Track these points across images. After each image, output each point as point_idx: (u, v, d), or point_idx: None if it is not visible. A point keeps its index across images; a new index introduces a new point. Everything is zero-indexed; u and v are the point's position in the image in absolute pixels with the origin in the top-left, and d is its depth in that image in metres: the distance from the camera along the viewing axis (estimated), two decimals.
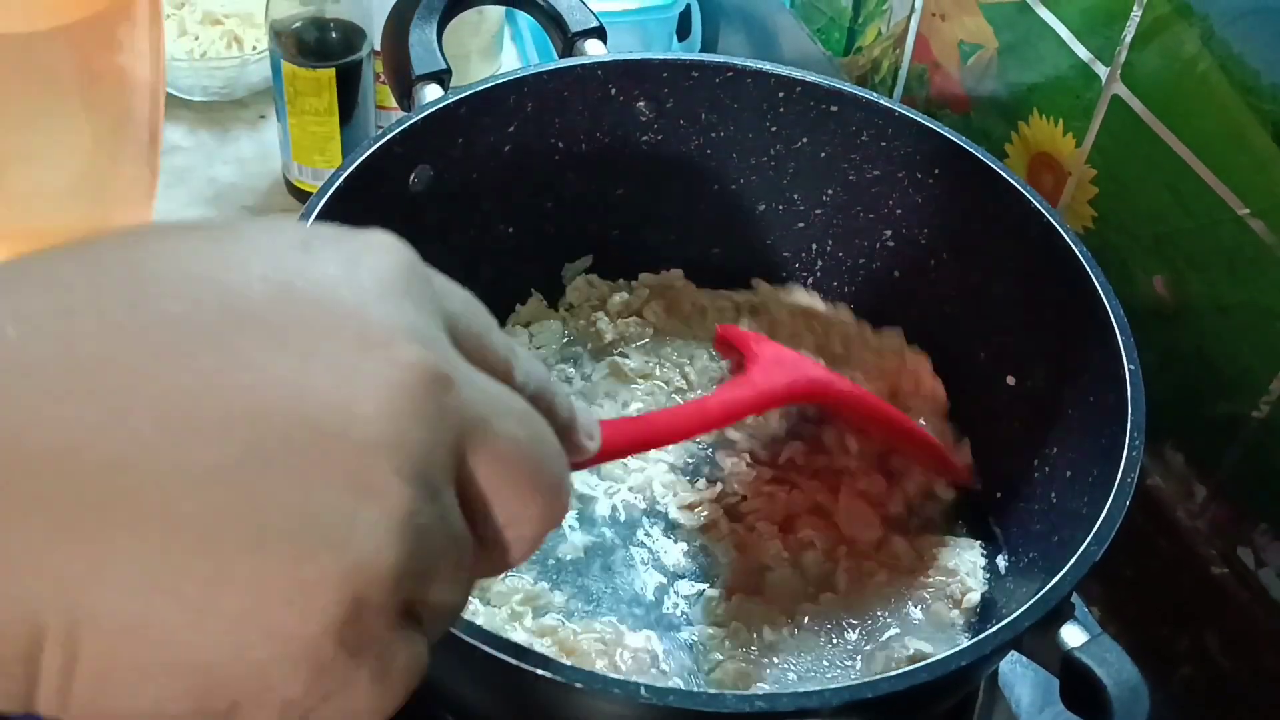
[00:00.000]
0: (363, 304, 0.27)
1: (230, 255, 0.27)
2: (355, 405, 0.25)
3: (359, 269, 0.28)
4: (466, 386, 0.28)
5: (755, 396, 0.58)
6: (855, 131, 0.70)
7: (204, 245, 0.27)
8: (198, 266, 0.26)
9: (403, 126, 0.63)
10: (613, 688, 0.44)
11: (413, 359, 0.26)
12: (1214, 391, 0.66)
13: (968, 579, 0.64)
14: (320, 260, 0.27)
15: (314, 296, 0.27)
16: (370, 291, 0.27)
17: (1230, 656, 0.67)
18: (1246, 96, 0.59)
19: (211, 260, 0.27)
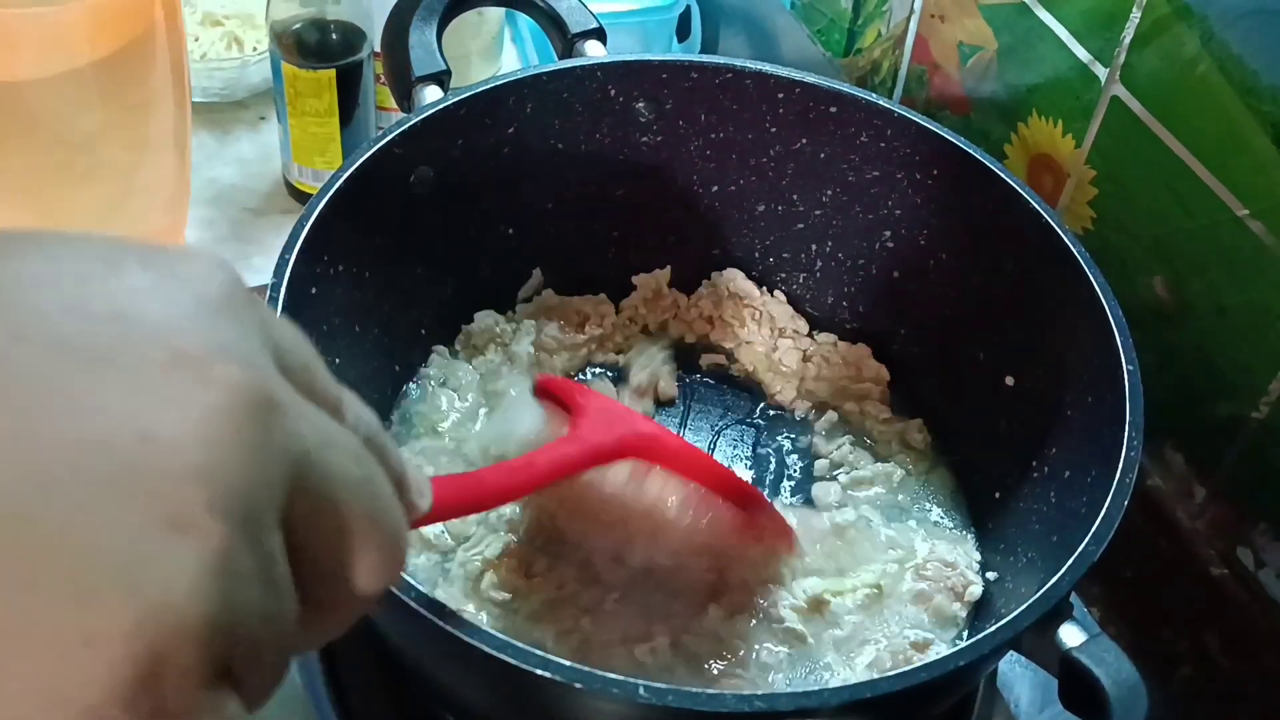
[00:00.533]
0: (175, 321, 0.24)
1: (21, 268, 0.24)
2: (161, 428, 0.22)
3: (175, 283, 0.25)
4: (294, 416, 0.25)
5: (585, 453, 0.55)
6: (854, 132, 0.70)
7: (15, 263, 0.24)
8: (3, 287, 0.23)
9: (403, 128, 0.64)
10: (611, 687, 0.44)
11: (233, 380, 0.23)
12: (1213, 392, 0.66)
13: (967, 572, 0.64)
14: (127, 274, 0.24)
15: (116, 312, 0.23)
16: (185, 308, 0.24)
17: (1229, 657, 0.67)
18: (1246, 98, 0.59)
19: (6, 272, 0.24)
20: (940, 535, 0.67)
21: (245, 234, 0.91)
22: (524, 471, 0.51)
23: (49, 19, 0.68)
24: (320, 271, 0.59)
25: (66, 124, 0.73)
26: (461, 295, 0.73)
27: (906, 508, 0.69)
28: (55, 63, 0.70)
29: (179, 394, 0.23)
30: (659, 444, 0.58)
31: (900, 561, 0.64)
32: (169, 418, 0.22)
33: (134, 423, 0.22)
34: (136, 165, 0.78)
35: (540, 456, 0.53)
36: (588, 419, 0.57)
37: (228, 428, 0.23)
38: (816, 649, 0.60)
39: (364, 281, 0.64)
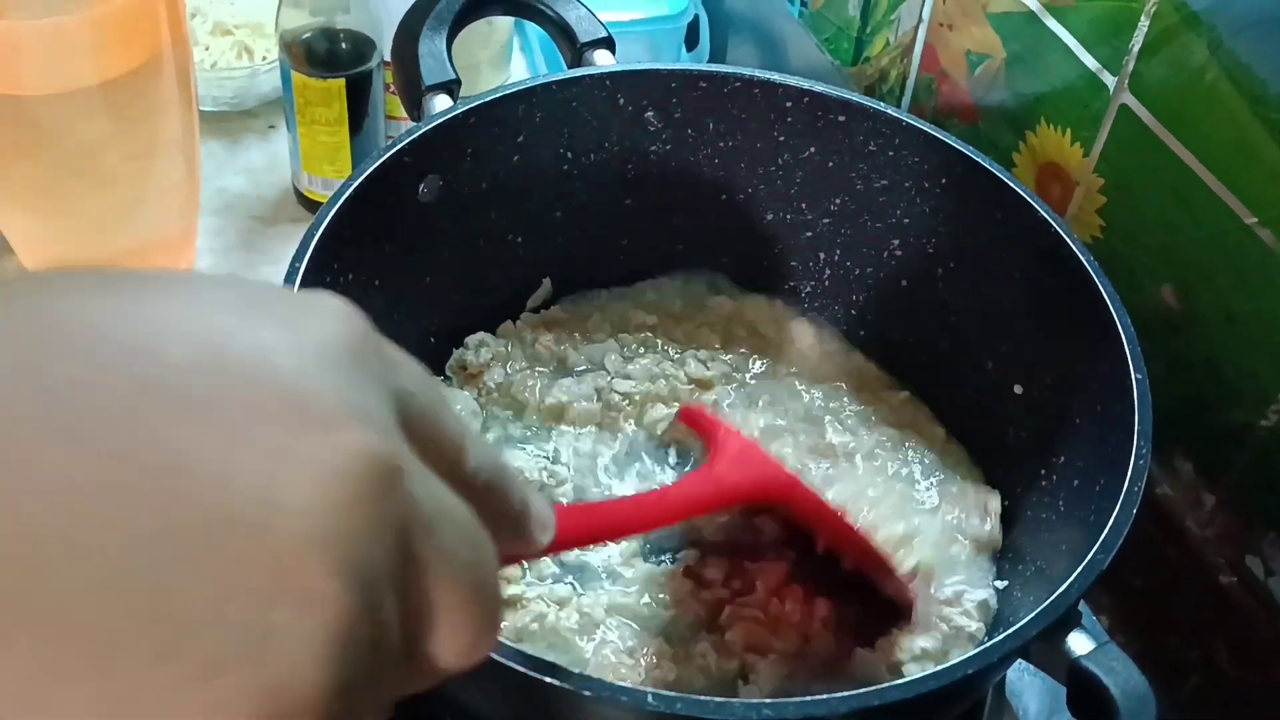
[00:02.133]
0: (303, 377, 0.23)
1: (150, 313, 0.23)
2: (286, 494, 0.22)
3: (302, 336, 0.24)
4: (415, 482, 0.24)
5: (718, 494, 0.54)
6: (863, 141, 0.71)
7: (119, 300, 0.23)
8: (109, 324, 0.22)
9: (412, 137, 0.64)
10: (620, 695, 0.44)
11: (359, 446, 0.23)
12: (1222, 400, 0.66)
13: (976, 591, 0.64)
14: (256, 324, 0.24)
15: (245, 366, 0.23)
16: (313, 363, 0.23)
17: (1238, 666, 0.67)
18: (1254, 106, 0.59)
19: (126, 318, 0.23)
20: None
21: (254, 243, 0.91)
22: (655, 506, 0.50)
23: (55, 30, 0.68)
24: (329, 281, 0.60)
25: (74, 134, 0.73)
26: (470, 304, 0.73)
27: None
28: (62, 73, 0.70)
29: (304, 458, 0.22)
30: (796, 493, 0.57)
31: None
32: (294, 483, 0.22)
33: (261, 489, 0.21)
34: (145, 174, 0.78)
35: (673, 492, 0.53)
36: (726, 457, 0.55)
37: (350, 496, 0.22)
38: None
39: (373, 290, 0.64)
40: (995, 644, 0.47)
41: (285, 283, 0.56)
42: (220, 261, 0.89)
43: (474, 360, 0.72)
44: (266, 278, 0.88)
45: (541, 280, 0.76)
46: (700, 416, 0.63)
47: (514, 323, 0.75)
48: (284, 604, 0.21)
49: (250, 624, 0.21)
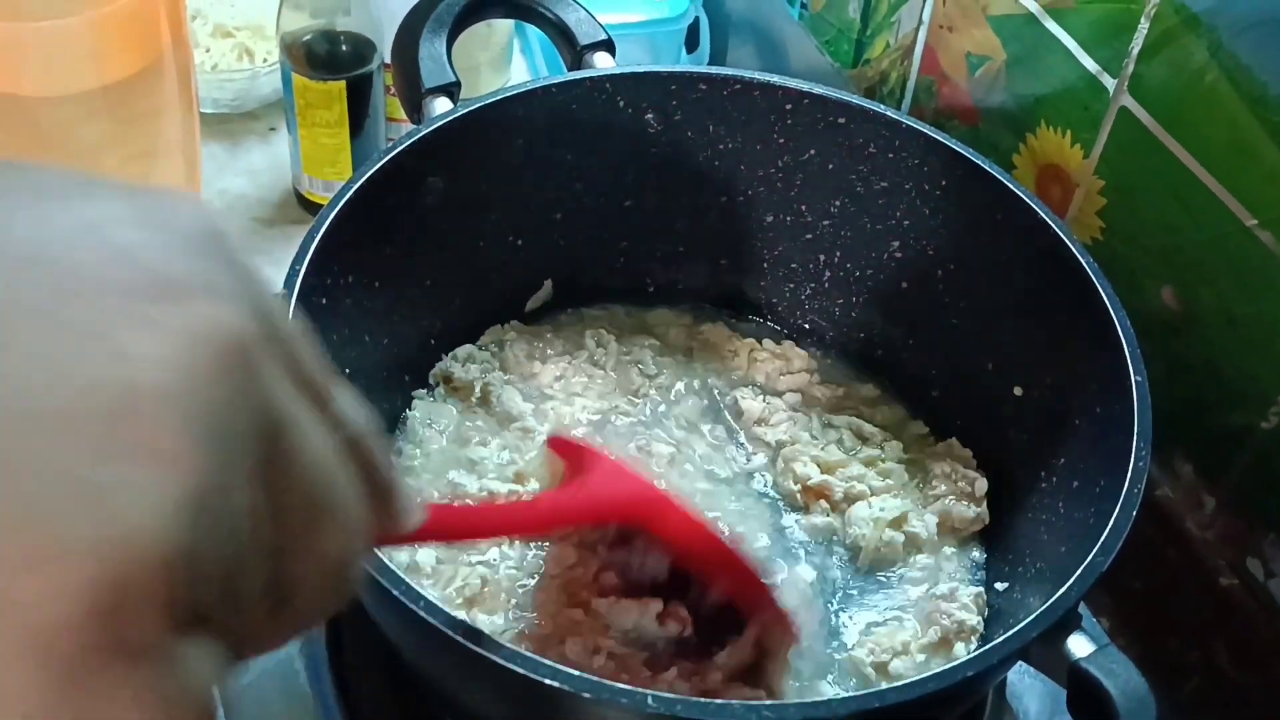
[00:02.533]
0: (160, 251, 0.23)
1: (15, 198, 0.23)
2: (141, 350, 0.21)
3: (156, 216, 0.24)
4: (275, 380, 0.24)
5: (587, 506, 0.53)
6: (863, 143, 0.71)
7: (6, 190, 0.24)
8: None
9: (413, 139, 0.64)
10: (620, 697, 0.44)
11: (218, 315, 0.23)
12: (1222, 402, 0.66)
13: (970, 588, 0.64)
14: (111, 203, 0.24)
15: (103, 243, 0.23)
16: (170, 241, 0.23)
17: (1239, 668, 0.67)
18: (1255, 108, 0.59)
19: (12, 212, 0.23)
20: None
21: (255, 245, 0.91)
22: (525, 514, 0.50)
23: (56, 32, 0.68)
24: (330, 282, 0.60)
25: (75, 135, 0.73)
26: (471, 306, 0.73)
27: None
28: (62, 75, 0.70)
29: (162, 320, 0.22)
30: (664, 513, 0.55)
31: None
32: (150, 341, 0.21)
33: (113, 342, 0.21)
34: (145, 176, 0.78)
35: (543, 502, 0.53)
36: (598, 473, 0.55)
37: (210, 360, 0.22)
38: None
39: (374, 292, 0.64)
40: (995, 646, 0.47)
41: (285, 285, 0.57)
42: None
43: (460, 375, 0.71)
44: (268, 279, 0.87)
45: (543, 282, 0.76)
46: (567, 443, 0.62)
47: (502, 326, 0.75)
48: (134, 459, 0.20)
49: (91, 478, 0.20)
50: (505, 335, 0.74)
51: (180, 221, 0.24)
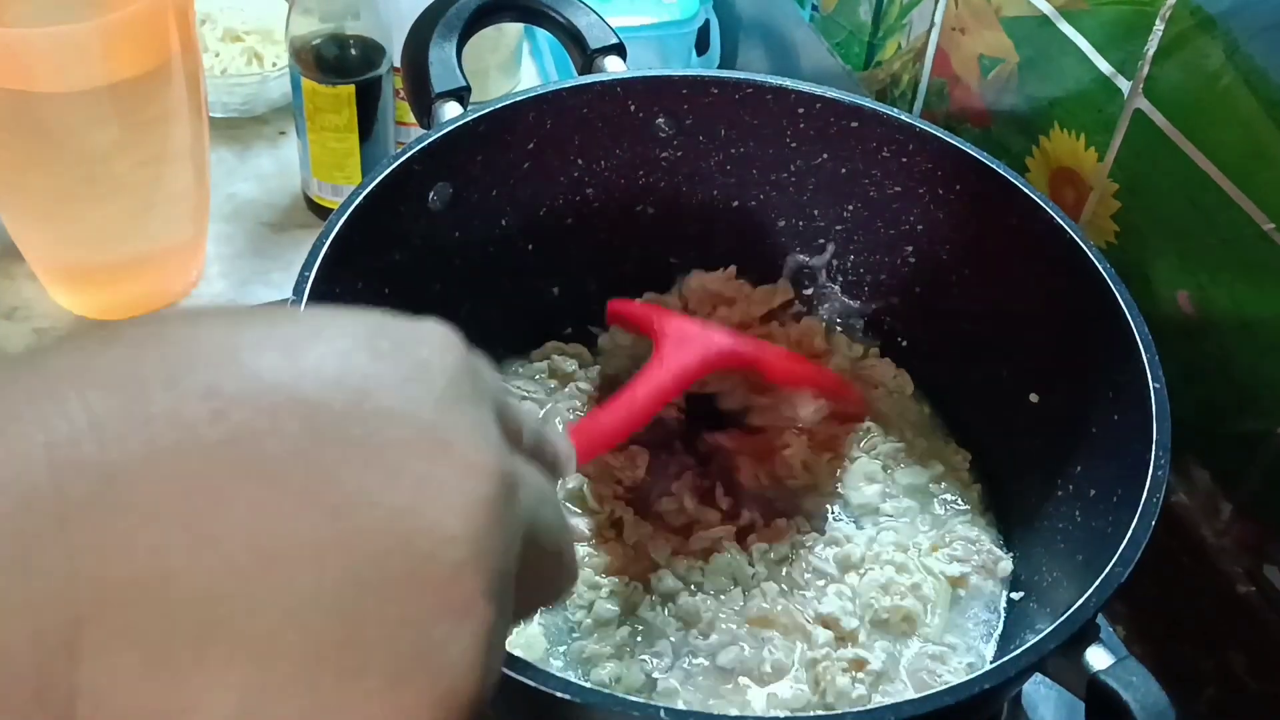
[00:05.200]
0: (437, 410, 0.26)
1: (301, 359, 0.26)
2: (443, 523, 0.25)
3: (428, 370, 0.27)
4: (524, 486, 0.28)
5: (676, 378, 0.60)
6: (875, 147, 0.70)
7: (274, 347, 0.26)
8: (271, 373, 0.25)
9: (423, 144, 0.63)
10: (632, 710, 0.44)
11: (489, 467, 0.26)
12: (1238, 407, 0.65)
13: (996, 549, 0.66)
14: (390, 363, 0.27)
15: (390, 405, 0.26)
16: (441, 395, 0.27)
17: (1256, 677, 0.66)
18: (1270, 110, 0.59)
19: (284, 365, 0.25)
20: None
21: (264, 249, 0.91)
22: (630, 408, 0.57)
23: (65, 37, 0.68)
24: (339, 288, 0.59)
25: (84, 141, 0.73)
26: (480, 312, 0.72)
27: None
28: (72, 80, 0.70)
29: (450, 486, 0.25)
30: (737, 355, 0.64)
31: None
32: (447, 511, 0.25)
33: (421, 519, 0.25)
34: (155, 181, 0.78)
35: (638, 391, 0.58)
36: (669, 341, 0.62)
37: (489, 517, 0.26)
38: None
39: (383, 298, 0.64)
40: (1012, 659, 0.47)
41: (295, 291, 0.56)
42: (230, 269, 0.89)
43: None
44: (277, 284, 0.87)
45: (551, 289, 0.75)
46: (629, 309, 0.69)
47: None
48: (447, 622, 0.25)
49: (423, 640, 0.24)
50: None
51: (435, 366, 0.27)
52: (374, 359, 0.26)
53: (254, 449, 0.24)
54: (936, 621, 0.62)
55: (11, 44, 0.68)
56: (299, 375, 0.25)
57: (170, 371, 0.24)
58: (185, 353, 0.25)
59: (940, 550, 0.66)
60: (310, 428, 0.25)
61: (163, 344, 0.25)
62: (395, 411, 0.26)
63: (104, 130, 0.73)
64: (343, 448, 0.25)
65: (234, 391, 0.24)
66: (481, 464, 0.26)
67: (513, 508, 0.27)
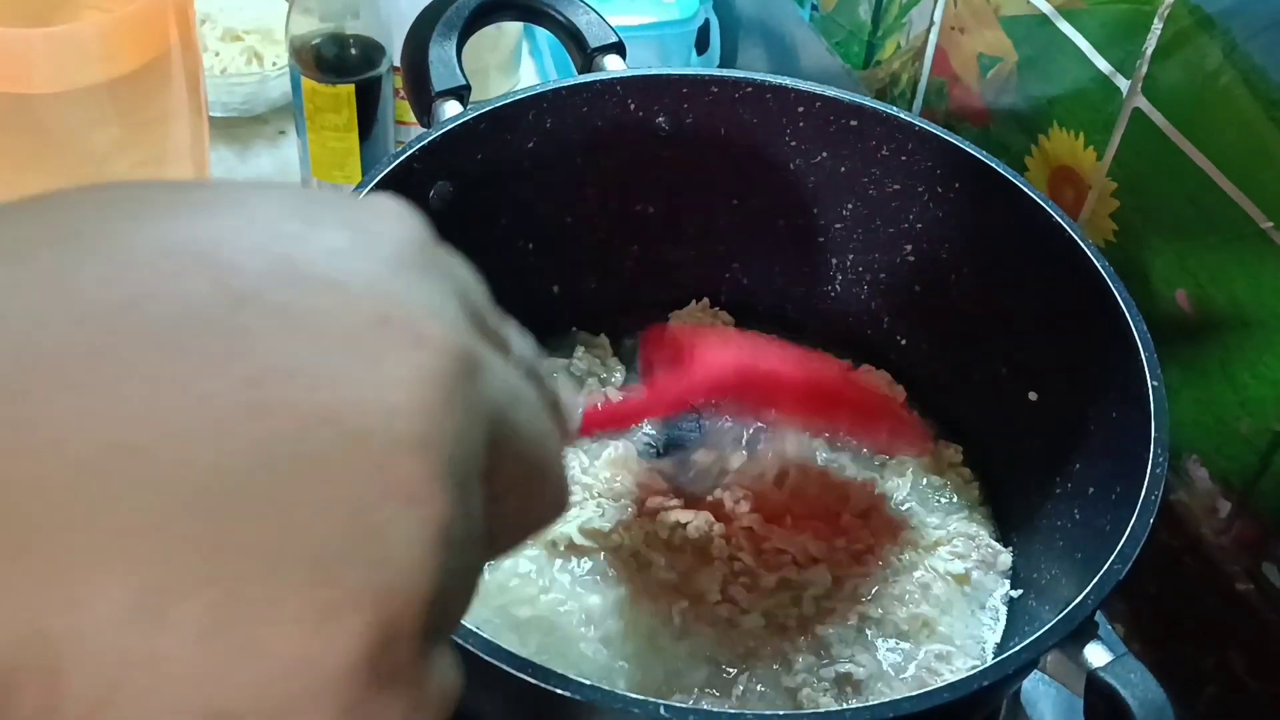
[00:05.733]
0: (379, 279, 0.23)
1: (219, 224, 0.23)
2: (383, 395, 0.22)
3: (371, 240, 0.24)
4: (489, 371, 0.24)
5: (705, 375, 0.58)
6: (875, 146, 0.70)
7: (187, 212, 0.23)
8: (181, 236, 0.22)
9: (422, 143, 0.64)
10: (632, 707, 0.44)
11: (442, 342, 0.23)
12: (1237, 406, 0.65)
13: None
14: (325, 229, 0.24)
15: (322, 271, 0.23)
16: (386, 264, 0.24)
17: (1256, 675, 0.66)
18: (1269, 109, 0.59)
19: (198, 230, 0.23)
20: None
21: None
22: (651, 396, 0.57)
23: (65, 37, 0.68)
24: None
25: (84, 141, 0.73)
26: None
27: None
28: (71, 80, 0.70)
29: (393, 359, 0.22)
30: (774, 378, 0.61)
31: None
32: (388, 385, 0.22)
33: (357, 391, 0.21)
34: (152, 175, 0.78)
35: (661, 381, 0.58)
36: (708, 345, 0.60)
37: (442, 393, 0.22)
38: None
39: None
40: (1011, 655, 0.47)
41: None
42: None
43: None
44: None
45: (552, 287, 0.75)
46: (663, 337, 0.66)
47: None
48: (388, 506, 0.21)
49: (357, 528, 0.21)
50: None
51: (389, 238, 0.24)
52: (306, 225, 0.24)
53: (154, 313, 0.21)
54: (949, 620, 0.63)
55: (11, 45, 0.68)
56: (213, 239, 0.22)
57: (65, 234, 0.22)
58: (83, 216, 0.23)
59: (942, 548, 0.66)
60: (222, 292, 0.22)
61: (62, 208, 0.23)
62: (328, 278, 0.23)
63: (104, 130, 0.74)
64: (261, 315, 0.22)
65: (130, 254, 0.22)
66: (430, 335, 0.23)
67: (472, 388, 0.23)
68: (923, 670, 0.60)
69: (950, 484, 0.70)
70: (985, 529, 0.67)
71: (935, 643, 0.62)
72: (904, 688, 0.60)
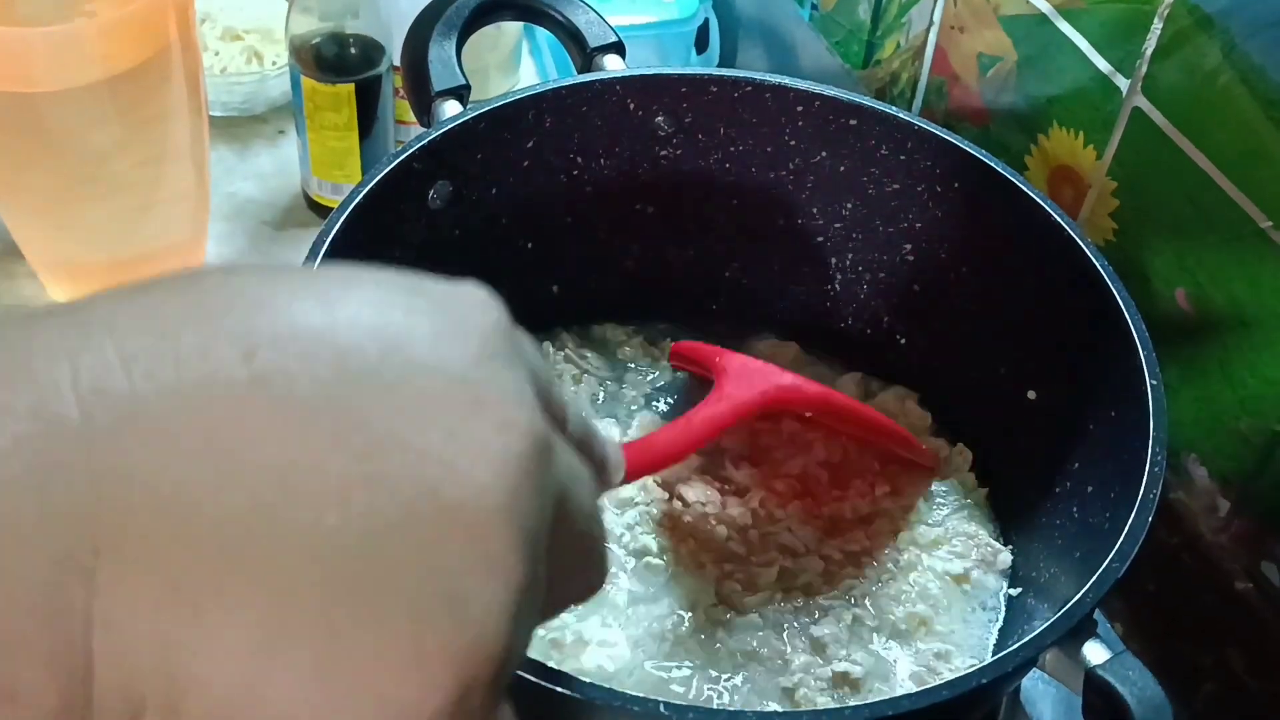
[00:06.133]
0: (472, 366, 0.26)
1: (337, 309, 0.26)
2: (475, 472, 0.24)
3: (464, 328, 0.27)
4: (558, 454, 0.27)
5: (733, 409, 0.60)
6: (874, 145, 0.70)
7: (309, 297, 0.26)
8: (305, 319, 0.25)
9: (422, 142, 0.64)
10: (632, 705, 0.44)
11: (524, 425, 0.26)
12: (1236, 405, 0.65)
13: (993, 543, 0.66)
14: (426, 318, 0.26)
15: (424, 357, 0.26)
16: (477, 352, 0.26)
17: (1254, 673, 0.66)
18: (1269, 109, 0.59)
19: (319, 313, 0.25)
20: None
21: (265, 248, 0.91)
22: (685, 433, 0.57)
23: (64, 36, 0.68)
24: None
25: (83, 140, 0.73)
26: None
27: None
28: (70, 79, 0.70)
29: (483, 440, 0.25)
30: (799, 392, 0.64)
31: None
32: (480, 463, 0.25)
33: (453, 468, 0.24)
34: (154, 180, 0.78)
35: (695, 417, 0.59)
36: (730, 377, 0.62)
37: (523, 472, 0.25)
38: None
39: None
40: (1009, 654, 0.47)
41: None
42: None
43: None
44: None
45: (551, 287, 0.75)
46: (693, 347, 0.70)
47: None
48: (477, 573, 0.24)
49: (450, 590, 0.24)
50: None
51: (474, 323, 0.27)
52: (410, 313, 0.26)
53: (284, 389, 0.24)
54: (948, 618, 0.63)
55: (10, 44, 0.68)
56: (333, 323, 0.25)
57: (202, 314, 0.25)
58: (217, 298, 0.25)
59: (941, 547, 0.66)
60: (342, 372, 0.24)
61: (195, 291, 0.25)
62: (429, 364, 0.25)
63: (104, 129, 0.74)
64: (374, 394, 0.25)
65: (266, 334, 0.24)
66: (515, 420, 0.26)
67: (547, 470, 0.26)
68: (921, 669, 0.61)
69: (949, 482, 0.70)
70: (984, 528, 0.67)
71: (934, 641, 0.62)
72: (903, 686, 0.60)
